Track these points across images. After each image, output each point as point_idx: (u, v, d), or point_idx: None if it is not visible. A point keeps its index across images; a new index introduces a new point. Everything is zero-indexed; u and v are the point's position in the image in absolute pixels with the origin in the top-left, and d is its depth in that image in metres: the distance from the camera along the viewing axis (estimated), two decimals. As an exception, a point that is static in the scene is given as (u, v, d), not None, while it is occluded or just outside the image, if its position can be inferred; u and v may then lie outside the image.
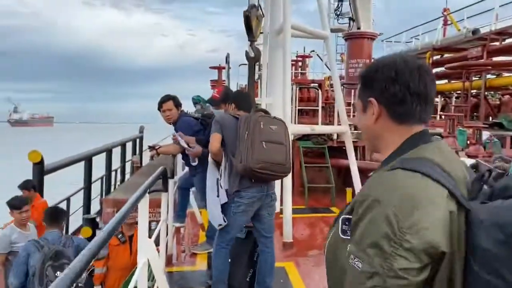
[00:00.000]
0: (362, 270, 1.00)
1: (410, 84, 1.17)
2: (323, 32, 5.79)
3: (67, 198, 8.23)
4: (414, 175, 1.05)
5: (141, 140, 16.69)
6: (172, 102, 4.45)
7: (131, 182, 9.79)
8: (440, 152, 1.14)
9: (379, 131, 1.24)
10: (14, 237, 4.65)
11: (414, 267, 0.97)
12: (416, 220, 0.98)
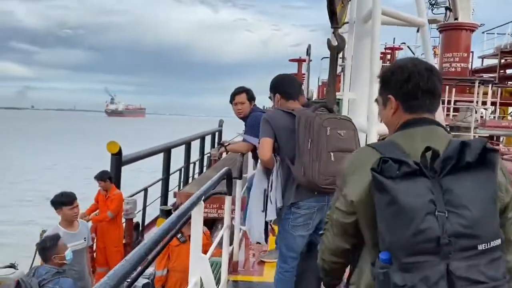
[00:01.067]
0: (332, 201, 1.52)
1: (420, 83, 1.44)
2: (419, 20, 5.06)
3: (144, 189, 8.33)
4: (368, 149, 1.44)
5: (220, 133, 16.83)
6: (245, 95, 4.04)
7: (206, 176, 9.77)
8: (409, 135, 1.42)
9: (395, 122, 1.50)
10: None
11: (344, 210, 1.43)
12: (350, 178, 1.42)
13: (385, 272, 1.23)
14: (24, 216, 17.35)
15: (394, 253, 1.23)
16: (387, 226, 1.25)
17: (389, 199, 1.23)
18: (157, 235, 1.59)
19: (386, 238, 1.25)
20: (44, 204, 18.63)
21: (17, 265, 4.49)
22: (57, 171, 29.84)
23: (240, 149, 4.00)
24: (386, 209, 1.24)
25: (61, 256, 3.62)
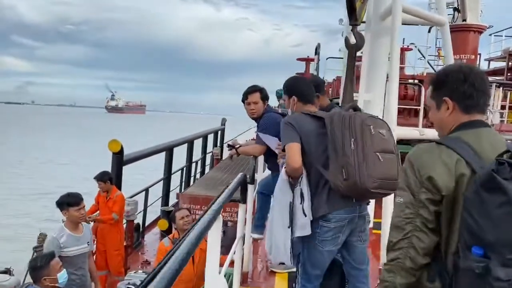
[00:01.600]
0: (402, 202, 1.54)
1: (475, 84, 1.58)
2: (440, 18, 4.82)
3: (145, 189, 8.07)
4: (440, 146, 1.54)
5: (222, 132, 16.55)
6: (259, 94, 3.80)
7: (210, 177, 9.51)
8: (476, 135, 1.54)
9: (451, 122, 1.61)
10: (63, 240, 4.10)
11: (431, 198, 1.49)
12: (430, 172, 1.49)
13: (485, 266, 1.31)
14: (20, 211, 17.08)
15: (497, 249, 1.31)
16: (493, 224, 1.31)
17: (505, 199, 1.29)
18: (176, 265, 1.32)
19: (490, 235, 1.32)
20: (40, 199, 18.41)
21: (12, 271, 4.27)
22: (55, 166, 29.57)
23: (252, 152, 3.75)
24: (498, 208, 1.30)
25: (52, 279, 3.29)
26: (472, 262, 1.34)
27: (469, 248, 1.37)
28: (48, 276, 3.27)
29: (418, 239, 1.48)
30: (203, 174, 13.45)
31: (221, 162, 12.55)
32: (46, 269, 3.28)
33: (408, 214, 1.48)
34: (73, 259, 4.15)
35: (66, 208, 4.19)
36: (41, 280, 3.26)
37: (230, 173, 9.91)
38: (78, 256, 4.21)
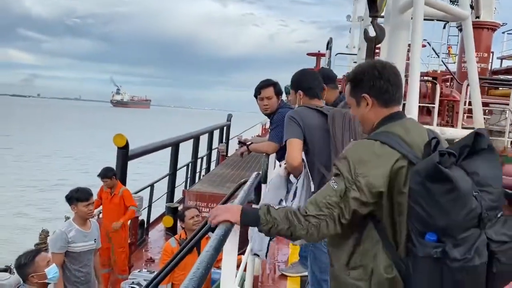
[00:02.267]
0: (334, 188, 1.56)
1: (390, 79, 1.67)
2: (462, 12, 4.59)
3: (151, 185, 7.90)
4: (374, 142, 1.58)
5: (228, 128, 16.37)
6: (272, 89, 3.60)
7: (216, 174, 9.36)
8: (403, 127, 1.62)
9: (371, 117, 1.70)
10: (72, 235, 3.98)
11: (358, 198, 1.53)
12: (365, 170, 1.53)
13: (442, 250, 1.39)
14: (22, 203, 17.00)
15: (449, 233, 1.40)
16: (442, 210, 1.39)
17: (450, 187, 1.37)
18: (199, 276, 1.12)
19: (440, 221, 1.40)
20: (41, 192, 18.30)
21: (13, 269, 4.11)
22: (58, 159, 29.53)
23: (265, 149, 3.54)
24: (444, 196, 1.38)
25: (40, 275, 3.06)
26: (428, 248, 1.42)
27: (422, 235, 1.44)
28: (35, 273, 3.03)
29: (326, 225, 1.53)
30: (208, 171, 13.30)
31: (227, 159, 12.39)
32: (32, 266, 3.05)
33: (332, 202, 1.53)
34: (80, 255, 4.03)
35: (75, 203, 4.08)
36: (29, 278, 3.04)
37: (236, 169, 9.74)
38: (85, 253, 4.09)
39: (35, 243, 4.48)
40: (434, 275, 1.42)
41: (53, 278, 3.14)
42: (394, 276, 1.54)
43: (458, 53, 16.44)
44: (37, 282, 3.06)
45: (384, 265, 1.55)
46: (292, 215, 1.54)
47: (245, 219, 1.59)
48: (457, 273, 1.38)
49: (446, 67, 12.37)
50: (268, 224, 1.55)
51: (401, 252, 1.55)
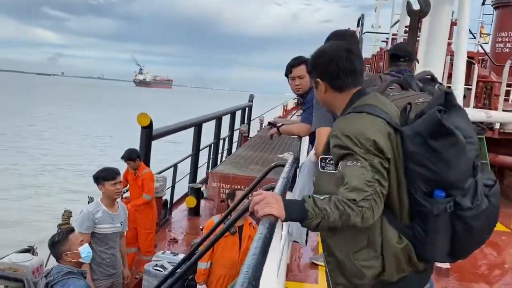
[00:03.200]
0: (360, 166, 1.48)
1: (340, 64, 1.66)
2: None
3: (174, 165, 7.81)
4: (362, 114, 1.58)
5: (250, 109, 16.17)
6: (304, 67, 3.34)
7: (239, 155, 9.20)
8: (376, 98, 1.66)
9: (330, 100, 1.74)
10: (99, 215, 3.91)
11: (381, 162, 1.49)
12: (368, 137, 1.50)
13: (455, 203, 1.47)
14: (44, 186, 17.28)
15: (457, 185, 1.47)
16: (449, 165, 1.45)
17: (454, 140, 1.45)
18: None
19: (449, 176, 1.46)
20: (62, 172, 18.46)
21: (36, 249, 4.06)
22: (83, 139, 29.96)
23: (297, 132, 3.32)
24: (449, 150, 1.45)
25: (74, 253, 3.01)
26: (440, 204, 1.47)
27: (430, 195, 1.49)
28: (69, 251, 2.99)
29: (376, 203, 1.46)
30: (230, 151, 13.20)
31: (250, 140, 12.22)
32: (65, 244, 3.00)
33: (369, 178, 1.46)
34: (106, 237, 3.96)
35: (102, 182, 4.01)
36: (62, 257, 2.99)
37: (259, 151, 9.57)
38: (111, 235, 4.01)
39: (58, 224, 4.41)
40: (448, 229, 1.49)
41: (86, 258, 3.08)
42: (405, 244, 1.55)
43: (492, 32, 15.69)
44: (71, 261, 3.00)
45: (393, 236, 1.55)
46: (341, 203, 1.42)
47: (289, 214, 1.41)
48: (471, 221, 1.47)
49: (482, 48, 11.77)
50: (317, 217, 1.40)
51: (405, 219, 1.56)
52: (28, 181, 17.32)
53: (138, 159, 5.56)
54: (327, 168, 1.63)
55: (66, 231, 3.10)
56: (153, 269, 4.76)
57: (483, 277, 3.56)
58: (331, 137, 1.60)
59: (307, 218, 1.40)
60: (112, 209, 4.06)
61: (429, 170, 1.47)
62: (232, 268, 4.16)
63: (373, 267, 1.56)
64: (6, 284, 3.36)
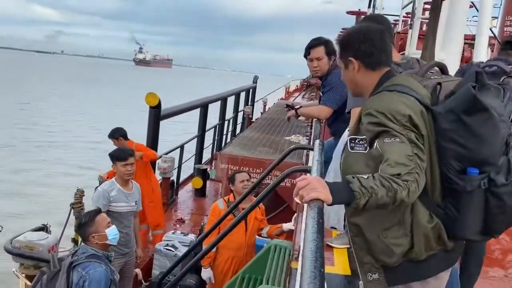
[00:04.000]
0: (398, 141, 1.46)
1: (374, 42, 1.68)
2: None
3: (181, 146, 7.79)
4: (393, 92, 1.59)
5: (254, 90, 16.06)
6: (323, 49, 3.28)
7: (246, 137, 9.16)
8: (405, 79, 1.66)
9: (360, 80, 1.73)
10: (114, 194, 3.94)
11: (417, 137, 1.49)
12: (403, 113, 1.49)
13: (489, 179, 1.48)
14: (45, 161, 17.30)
15: (491, 161, 1.48)
16: (483, 141, 1.46)
17: (488, 116, 1.44)
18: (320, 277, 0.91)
19: (483, 152, 1.47)
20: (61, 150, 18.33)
21: (49, 227, 4.07)
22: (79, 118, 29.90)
23: (316, 114, 3.29)
24: (483, 126, 1.45)
25: (100, 235, 3.01)
26: (474, 181, 1.47)
27: (463, 172, 1.49)
28: (96, 233, 3.00)
29: (419, 176, 1.44)
30: (234, 133, 13.17)
31: (256, 122, 12.17)
32: (92, 226, 3.01)
33: (409, 153, 1.44)
34: (121, 216, 3.98)
35: (115, 162, 4.06)
36: (89, 238, 3.00)
37: (266, 133, 9.53)
38: (126, 214, 4.04)
39: (70, 203, 4.41)
40: (481, 206, 1.50)
41: (113, 239, 3.07)
42: (435, 223, 1.56)
43: (500, 16, 15.47)
44: (98, 243, 3.00)
45: (424, 216, 1.55)
46: (386, 180, 1.40)
47: (336, 197, 1.38)
48: (506, 197, 1.49)
49: (491, 31, 11.62)
50: (365, 196, 1.37)
51: (437, 198, 1.56)
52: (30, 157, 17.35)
53: (122, 138, 5.25)
54: (356, 148, 1.60)
55: (93, 213, 3.09)
56: (164, 248, 4.80)
57: (497, 262, 3.58)
58: (364, 115, 1.58)
59: (355, 199, 1.37)
60: (126, 188, 4.09)
61: (462, 147, 1.47)
62: (238, 250, 4.20)
63: (402, 244, 1.57)
64: (28, 263, 3.37)
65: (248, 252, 4.25)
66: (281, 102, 19.04)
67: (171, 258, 4.67)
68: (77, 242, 4.63)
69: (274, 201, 6.53)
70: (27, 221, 7.98)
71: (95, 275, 2.81)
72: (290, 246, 3.25)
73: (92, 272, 2.81)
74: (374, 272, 1.63)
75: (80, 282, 2.79)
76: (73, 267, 2.83)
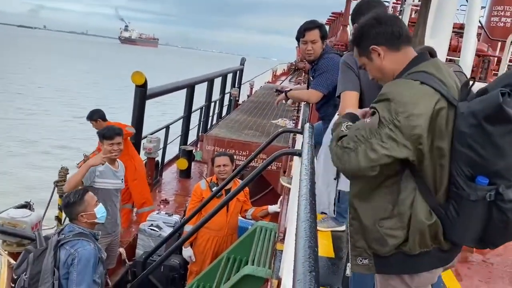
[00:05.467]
0: (367, 123, 1.55)
1: (388, 22, 1.65)
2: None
3: (166, 127, 7.72)
4: (415, 83, 1.50)
5: (241, 72, 15.95)
6: (318, 32, 3.25)
7: (233, 119, 9.14)
8: (436, 67, 1.56)
9: (388, 65, 1.65)
10: (101, 169, 3.90)
11: (396, 139, 1.46)
12: (407, 110, 1.45)
13: (496, 192, 1.41)
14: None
15: (504, 174, 1.41)
16: (501, 153, 1.39)
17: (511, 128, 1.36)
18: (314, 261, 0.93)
19: (497, 163, 1.40)
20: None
21: (32, 204, 4.01)
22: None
23: (306, 98, 3.28)
24: (504, 137, 1.37)
25: (89, 214, 2.98)
26: (481, 191, 1.42)
27: (472, 179, 1.44)
28: (85, 212, 2.97)
29: (349, 158, 1.53)
30: (220, 115, 13.11)
31: (242, 104, 12.13)
32: (81, 205, 2.97)
33: (359, 136, 1.52)
34: (108, 193, 3.94)
35: (102, 140, 4.02)
36: (78, 218, 2.97)
37: (252, 116, 9.52)
38: (113, 191, 4.01)
39: (54, 181, 4.36)
40: (483, 217, 1.45)
41: (101, 218, 3.06)
42: (434, 221, 1.53)
43: (488, 6, 15.59)
44: (86, 222, 2.98)
45: (423, 212, 1.53)
46: (353, 134, 1.56)
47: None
48: (510, 214, 1.43)
49: (479, 22, 11.67)
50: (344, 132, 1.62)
51: (440, 198, 1.53)
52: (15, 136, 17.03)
53: (101, 119, 5.18)
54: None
55: (82, 192, 3.05)
56: (149, 228, 4.79)
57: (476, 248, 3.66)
58: (378, 100, 1.54)
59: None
60: (113, 166, 4.06)
61: (477, 154, 1.41)
62: (219, 231, 4.24)
63: (397, 236, 1.55)
64: (10, 240, 3.33)
65: (229, 233, 4.29)
66: (268, 86, 19.03)
67: (155, 238, 4.67)
68: (61, 220, 4.59)
69: (259, 184, 6.56)
70: (7, 200, 7.88)
71: (84, 253, 2.80)
72: (276, 228, 3.28)
73: (81, 250, 2.80)
74: (364, 257, 1.64)
75: (68, 259, 2.78)
76: (61, 245, 2.81)
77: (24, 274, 2.77)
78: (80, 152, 6.27)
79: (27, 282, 2.74)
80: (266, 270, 3.07)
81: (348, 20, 17.83)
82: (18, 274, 2.80)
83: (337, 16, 21.41)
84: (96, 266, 2.89)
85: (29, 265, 2.76)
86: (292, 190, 2.20)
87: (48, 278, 2.73)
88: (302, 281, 0.80)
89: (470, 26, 3.59)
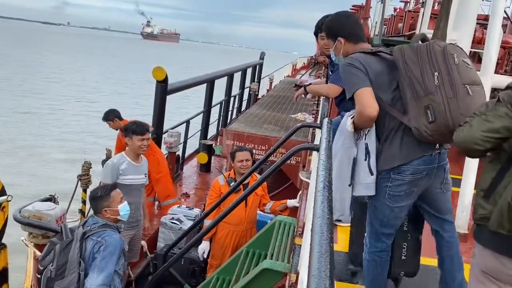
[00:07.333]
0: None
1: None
2: None
3: (186, 121, 7.80)
4: None
5: (260, 66, 15.92)
6: None
7: (252, 114, 9.15)
8: None
9: None
10: (123, 167, 3.97)
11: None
12: None
13: None
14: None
15: None
16: None
17: None
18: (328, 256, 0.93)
19: None
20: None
21: (57, 198, 4.12)
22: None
23: (325, 92, 3.26)
24: None
25: (113, 210, 3.06)
26: None
27: None
28: (109, 208, 3.05)
29: (470, 126, 1.70)
30: (240, 109, 13.15)
31: (262, 99, 12.14)
32: (107, 200, 3.06)
33: (477, 111, 1.71)
34: (131, 188, 4.00)
35: (131, 135, 4.06)
36: (102, 212, 3.06)
37: (272, 111, 9.51)
38: (135, 186, 4.08)
39: (78, 175, 4.46)
40: None
41: (124, 216, 3.13)
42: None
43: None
44: (109, 217, 3.06)
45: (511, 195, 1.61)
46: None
47: None
48: None
49: (505, 12, 11.35)
50: None
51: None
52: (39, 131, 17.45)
53: (118, 119, 5.34)
54: None
55: (110, 187, 3.14)
56: (170, 221, 4.86)
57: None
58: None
59: None
60: (136, 161, 4.12)
61: None
62: (238, 225, 4.26)
63: (485, 209, 1.68)
64: (36, 232, 3.43)
65: (248, 227, 4.32)
66: (287, 80, 18.94)
67: (176, 232, 4.74)
68: (84, 213, 4.70)
69: (278, 178, 6.57)
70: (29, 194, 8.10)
71: (112, 241, 2.89)
72: (294, 223, 3.28)
73: (108, 238, 2.89)
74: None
75: (95, 247, 2.87)
76: (87, 238, 2.89)
77: (51, 265, 2.86)
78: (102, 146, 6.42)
79: (54, 272, 2.83)
80: (284, 264, 3.08)
81: (369, 13, 17.54)
82: (44, 265, 2.89)
83: (358, 9, 21.10)
84: (119, 257, 2.97)
85: (55, 256, 2.85)
86: (311, 185, 2.19)
87: (74, 268, 2.81)
88: (316, 276, 0.81)
89: (494, 17, 3.48)
